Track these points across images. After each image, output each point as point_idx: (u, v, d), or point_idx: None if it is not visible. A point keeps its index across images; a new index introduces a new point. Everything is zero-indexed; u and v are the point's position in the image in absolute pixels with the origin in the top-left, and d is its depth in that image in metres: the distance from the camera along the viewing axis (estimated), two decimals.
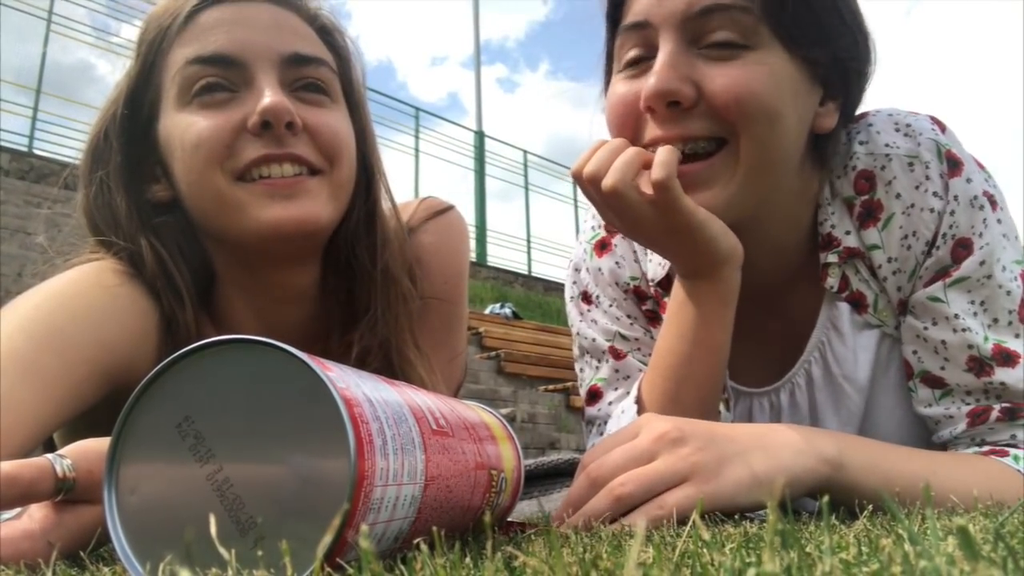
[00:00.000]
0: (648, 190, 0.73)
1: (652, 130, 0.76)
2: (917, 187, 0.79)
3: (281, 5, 0.85)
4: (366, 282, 0.90)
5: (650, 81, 0.73)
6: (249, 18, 0.82)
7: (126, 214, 0.85)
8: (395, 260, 0.92)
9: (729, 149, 0.74)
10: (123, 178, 0.85)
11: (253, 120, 0.78)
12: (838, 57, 0.77)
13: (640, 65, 0.77)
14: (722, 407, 0.90)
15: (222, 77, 0.80)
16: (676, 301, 0.82)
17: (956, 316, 0.78)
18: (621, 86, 0.79)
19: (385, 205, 0.94)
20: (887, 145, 0.81)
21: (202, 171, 0.80)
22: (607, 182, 0.73)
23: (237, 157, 0.79)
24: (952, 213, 0.78)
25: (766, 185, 0.77)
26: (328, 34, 0.90)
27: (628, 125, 0.78)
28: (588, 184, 0.76)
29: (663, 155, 0.72)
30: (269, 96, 0.78)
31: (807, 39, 0.74)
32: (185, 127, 0.80)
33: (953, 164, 0.79)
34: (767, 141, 0.73)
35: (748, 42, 0.73)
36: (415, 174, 11.95)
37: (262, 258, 0.85)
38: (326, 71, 0.86)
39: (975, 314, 0.78)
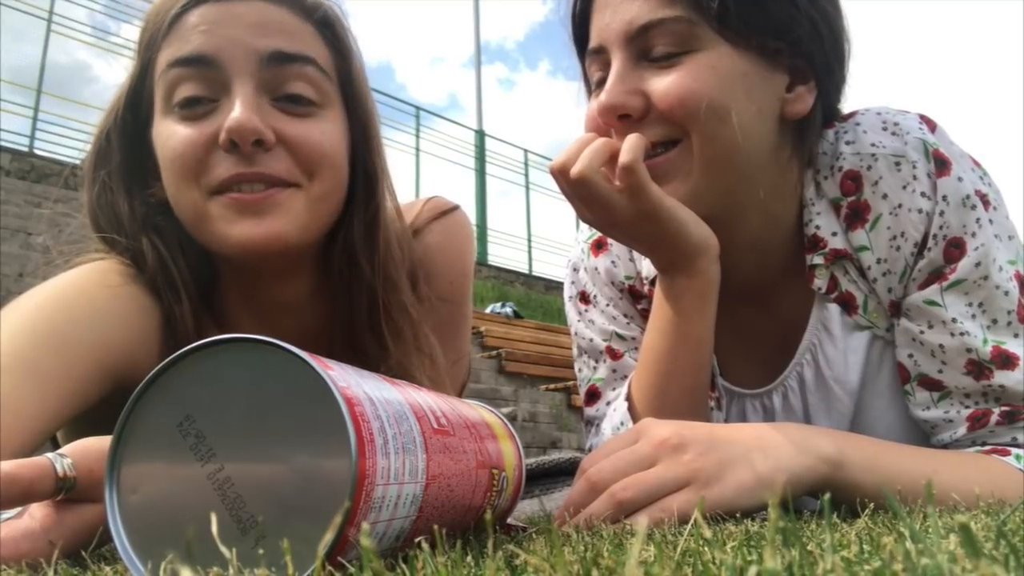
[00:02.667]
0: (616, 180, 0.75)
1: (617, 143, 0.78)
2: (904, 187, 0.79)
3: (272, 0, 0.82)
4: (366, 289, 0.89)
5: (600, 98, 0.78)
6: (233, 16, 0.79)
7: (128, 214, 0.84)
8: (397, 266, 0.90)
9: (684, 145, 0.77)
10: (124, 178, 0.85)
11: (222, 138, 0.76)
12: (796, 41, 0.77)
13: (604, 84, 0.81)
14: (714, 407, 0.90)
15: (201, 80, 0.78)
16: (657, 297, 0.83)
17: (954, 320, 0.77)
18: (592, 103, 0.82)
19: (388, 207, 0.93)
20: (873, 144, 0.80)
21: (179, 185, 0.79)
22: (574, 170, 0.75)
23: (210, 174, 0.78)
24: (942, 214, 0.77)
25: (728, 178, 0.78)
26: (328, 27, 0.86)
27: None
28: (559, 175, 0.78)
29: (630, 141, 0.75)
30: (237, 111, 0.76)
31: (753, 31, 0.75)
32: (165, 138, 0.79)
33: (941, 163, 0.78)
34: (719, 135, 0.75)
35: (689, 46, 0.75)
36: (416, 173, 11.97)
37: (250, 266, 0.84)
38: (312, 70, 0.82)
39: (973, 316, 0.78)
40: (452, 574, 0.30)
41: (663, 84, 0.75)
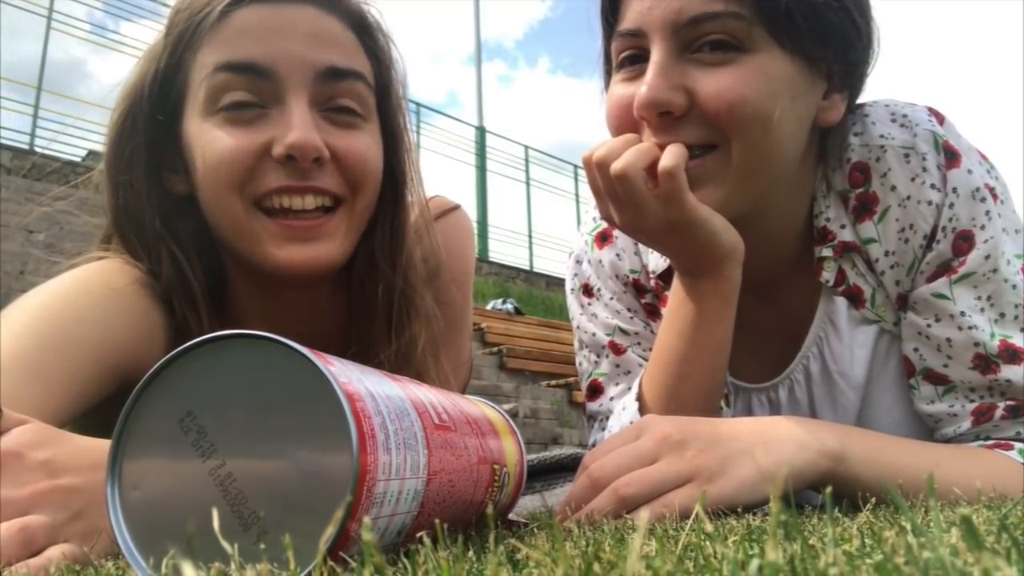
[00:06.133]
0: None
1: (648, 137, 0.76)
2: (913, 179, 0.78)
3: (321, 6, 0.81)
4: (384, 294, 0.88)
5: (641, 91, 0.73)
6: (286, 23, 0.78)
7: (149, 220, 0.83)
8: (418, 272, 0.89)
9: (721, 151, 0.74)
10: (147, 178, 0.84)
11: (278, 151, 0.76)
12: (841, 51, 0.75)
13: (636, 65, 0.77)
14: (722, 403, 0.90)
15: (251, 88, 0.77)
16: (676, 298, 0.81)
17: (962, 313, 0.77)
18: (619, 88, 0.78)
19: (414, 214, 0.92)
20: (882, 136, 0.80)
21: (220, 192, 0.78)
22: (616, 166, 0.73)
23: (257, 183, 0.77)
24: (952, 206, 0.77)
25: (761, 185, 0.77)
26: (370, 35, 0.86)
27: (626, 127, 0.78)
28: (596, 169, 0.76)
29: (672, 148, 0.72)
30: (297, 128, 0.75)
31: (807, 38, 0.72)
32: (208, 141, 0.78)
33: (951, 155, 0.77)
34: (760, 145, 0.73)
35: (741, 46, 0.71)
36: None
37: (275, 279, 0.83)
38: (361, 86, 0.82)
39: (982, 310, 0.77)
40: (454, 569, 0.30)
41: (712, 85, 0.71)
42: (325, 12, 0.81)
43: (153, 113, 0.83)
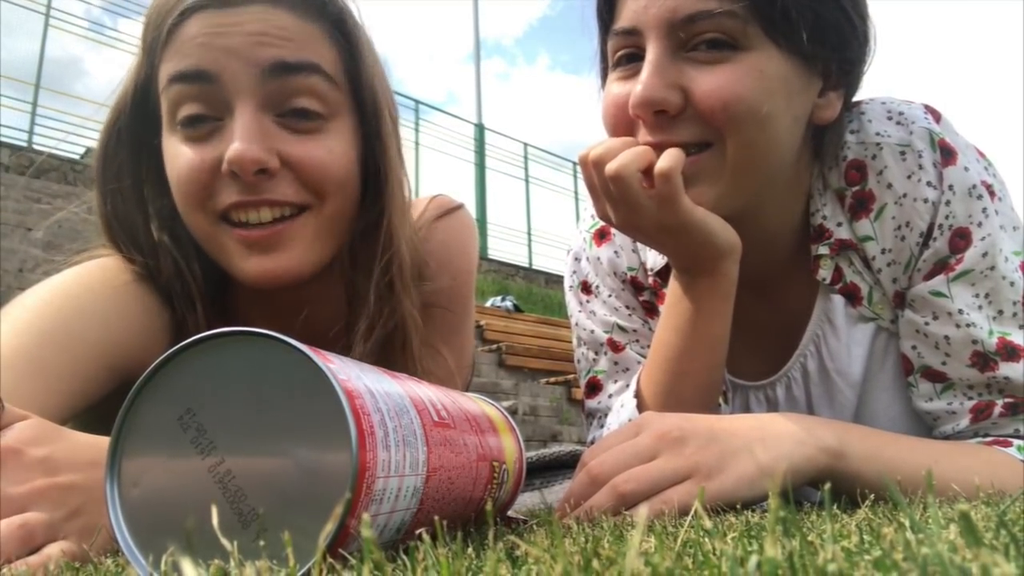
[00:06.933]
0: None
1: (643, 136, 0.76)
2: (909, 176, 0.78)
3: (271, 2, 0.77)
4: (367, 294, 0.86)
5: (636, 90, 0.73)
6: (232, 25, 0.75)
7: (143, 226, 0.83)
8: (404, 270, 0.87)
9: (716, 149, 0.74)
10: (137, 187, 0.84)
11: (224, 168, 0.74)
12: (837, 48, 0.75)
13: (632, 64, 0.77)
14: (720, 400, 0.90)
15: (202, 99, 0.75)
16: (673, 295, 0.81)
17: (960, 311, 0.77)
18: (615, 87, 0.78)
19: (399, 209, 0.89)
20: (878, 134, 0.80)
21: (185, 207, 0.78)
22: (611, 166, 0.73)
23: (215, 199, 0.76)
24: (948, 203, 0.77)
25: (756, 182, 0.77)
26: (337, 26, 0.82)
27: (622, 126, 0.78)
28: (592, 167, 0.76)
29: (670, 152, 0.73)
30: (237, 141, 0.73)
31: (802, 35, 0.72)
32: (171, 158, 0.78)
33: (947, 153, 0.77)
34: (756, 144, 0.73)
35: (737, 44, 0.71)
36: (415, 167, 11.92)
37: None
38: (318, 80, 0.78)
39: (980, 307, 0.77)
40: (453, 566, 0.30)
41: (707, 84, 0.71)
42: (275, 7, 0.77)
43: (135, 127, 0.83)
